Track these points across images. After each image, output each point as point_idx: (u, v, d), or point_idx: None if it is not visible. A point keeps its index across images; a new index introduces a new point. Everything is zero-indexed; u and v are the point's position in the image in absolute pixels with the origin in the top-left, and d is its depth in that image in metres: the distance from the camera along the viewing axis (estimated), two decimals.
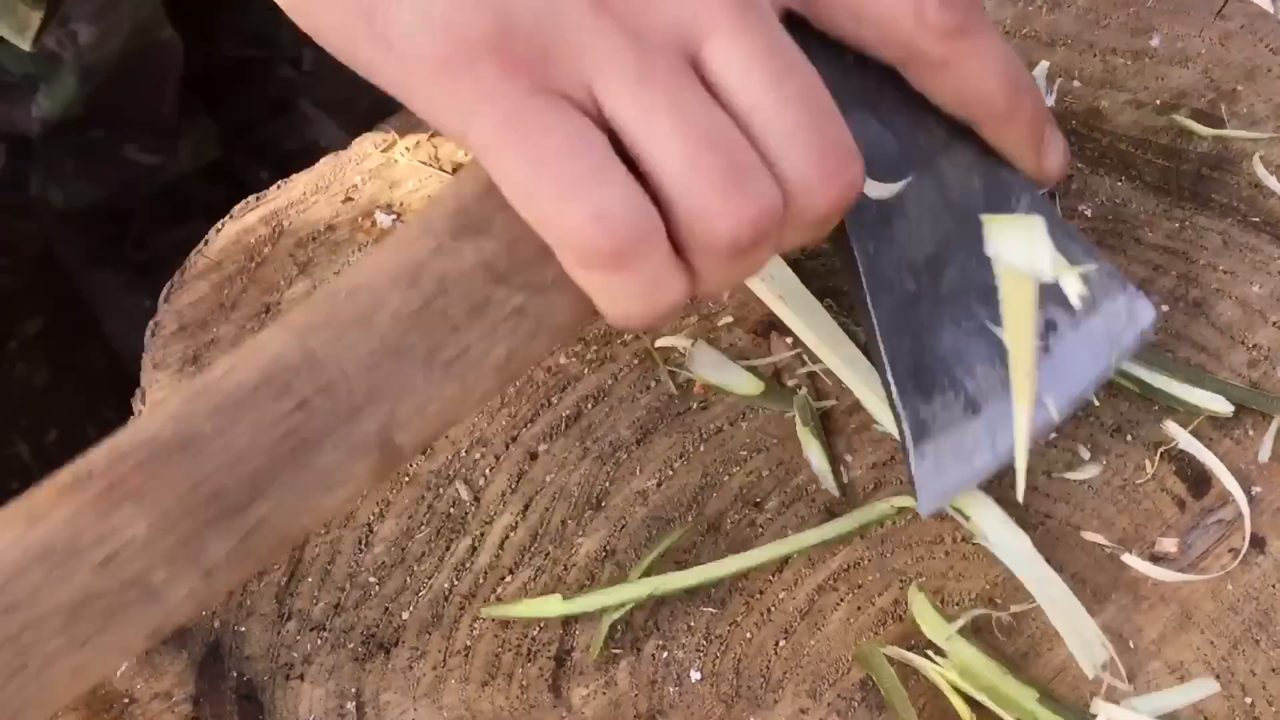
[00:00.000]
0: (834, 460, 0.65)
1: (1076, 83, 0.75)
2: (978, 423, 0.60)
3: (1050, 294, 0.58)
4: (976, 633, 0.60)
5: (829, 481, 0.64)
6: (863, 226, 0.57)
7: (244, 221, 0.71)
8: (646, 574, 0.61)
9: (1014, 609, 0.60)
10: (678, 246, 0.49)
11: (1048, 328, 0.61)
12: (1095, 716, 0.58)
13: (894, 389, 0.58)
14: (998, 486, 0.62)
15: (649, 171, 0.48)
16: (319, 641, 0.61)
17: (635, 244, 0.47)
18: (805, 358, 0.67)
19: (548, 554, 0.63)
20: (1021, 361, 0.58)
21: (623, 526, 0.64)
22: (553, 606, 0.61)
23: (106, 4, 0.93)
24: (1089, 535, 0.62)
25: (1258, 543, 0.62)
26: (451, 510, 0.64)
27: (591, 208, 0.47)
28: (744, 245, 0.49)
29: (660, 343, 0.68)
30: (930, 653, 0.59)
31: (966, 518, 0.62)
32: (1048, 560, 0.62)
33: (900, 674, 0.59)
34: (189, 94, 1.19)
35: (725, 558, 0.62)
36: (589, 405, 0.67)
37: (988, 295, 0.59)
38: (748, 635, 0.61)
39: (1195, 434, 0.65)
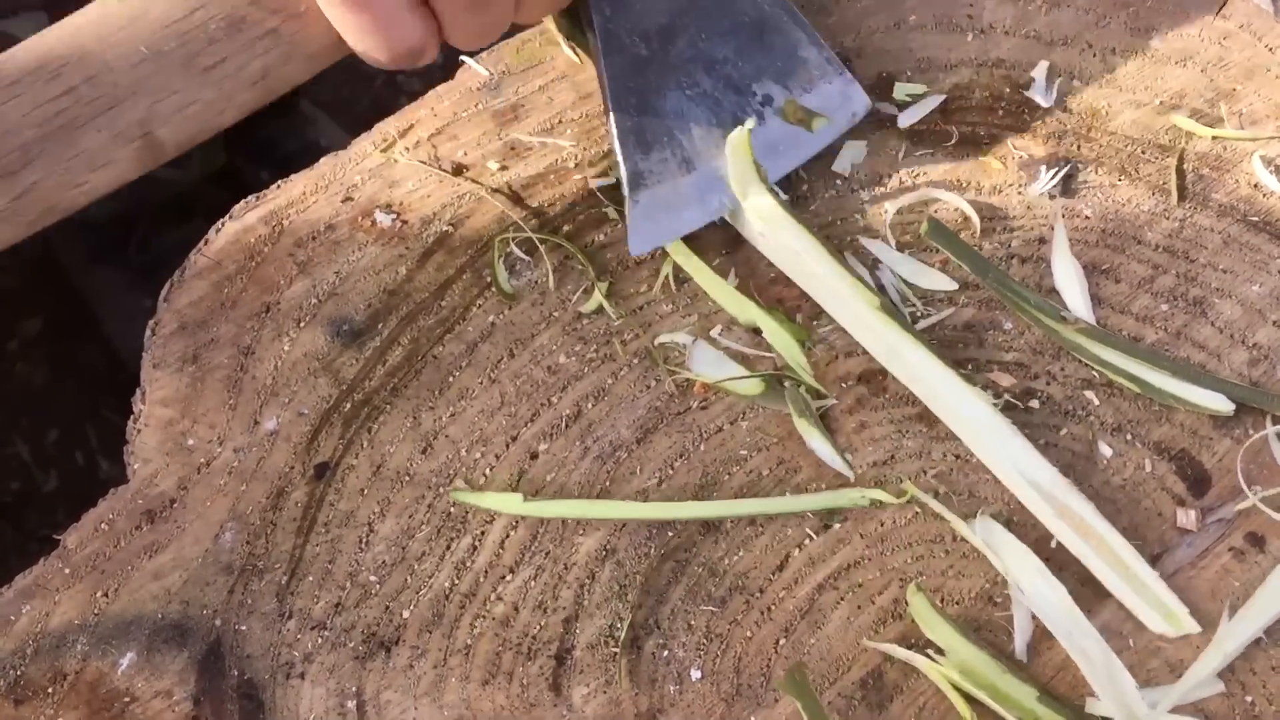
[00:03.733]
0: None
1: (1076, 83, 0.75)
2: (690, 179, 0.68)
3: (769, 71, 0.69)
4: (977, 631, 0.61)
5: (837, 462, 0.64)
6: None
7: (244, 221, 0.71)
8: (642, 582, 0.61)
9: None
10: None
11: (764, 101, 0.70)
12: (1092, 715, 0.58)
13: (617, 141, 0.67)
14: (1043, 544, 0.62)
15: None
16: (319, 640, 0.61)
17: None
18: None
19: (548, 553, 0.63)
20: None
21: (623, 526, 0.64)
22: (512, 504, 0.63)
23: None
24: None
25: (1258, 542, 0.62)
26: (451, 510, 0.64)
27: None
28: None
29: (660, 339, 0.68)
30: (930, 652, 0.59)
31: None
32: (1046, 561, 0.62)
33: (902, 672, 0.60)
34: None
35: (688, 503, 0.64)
36: (589, 404, 0.67)
37: (711, 66, 0.69)
38: (748, 634, 0.61)
39: (1195, 434, 0.65)
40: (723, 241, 0.70)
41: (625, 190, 0.67)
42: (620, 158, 0.67)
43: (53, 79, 0.56)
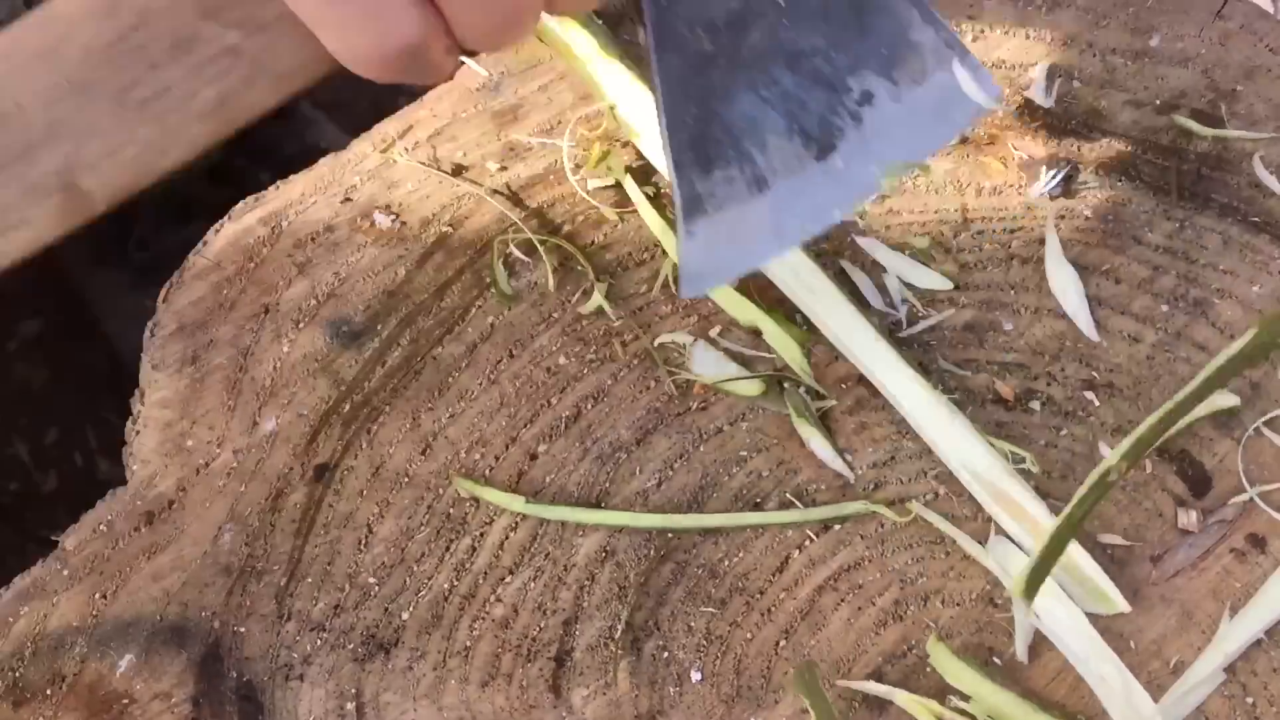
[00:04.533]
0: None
1: (1076, 83, 0.75)
2: (763, 201, 0.55)
3: (869, 62, 0.54)
4: (978, 633, 0.60)
5: (837, 463, 0.64)
6: None
7: (243, 222, 0.71)
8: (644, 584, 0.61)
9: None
10: None
11: (861, 100, 0.57)
12: None
13: (671, 160, 0.54)
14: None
15: None
16: (319, 642, 0.61)
17: None
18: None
19: (547, 554, 0.63)
20: None
21: (622, 527, 0.63)
22: (515, 504, 0.62)
23: None
24: (1104, 537, 0.62)
25: (1259, 543, 0.62)
26: (451, 511, 0.64)
27: None
28: None
29: (661, 339, 0.68)
30: (953, 698, 0.59)
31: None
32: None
33: (902, 673, 0.60)
34: None
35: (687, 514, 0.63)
36: (589, 405, 0.66)
37: (794, 60, 0.54)
38: (748, 635, 0.61)
39: (1196, 435, 0.65)
40: None
41: (680, 219, 0.54)
42: (675, 179, 0.54)
43: None
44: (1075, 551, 0.60)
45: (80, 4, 0.46)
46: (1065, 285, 0.68)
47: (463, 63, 0.76)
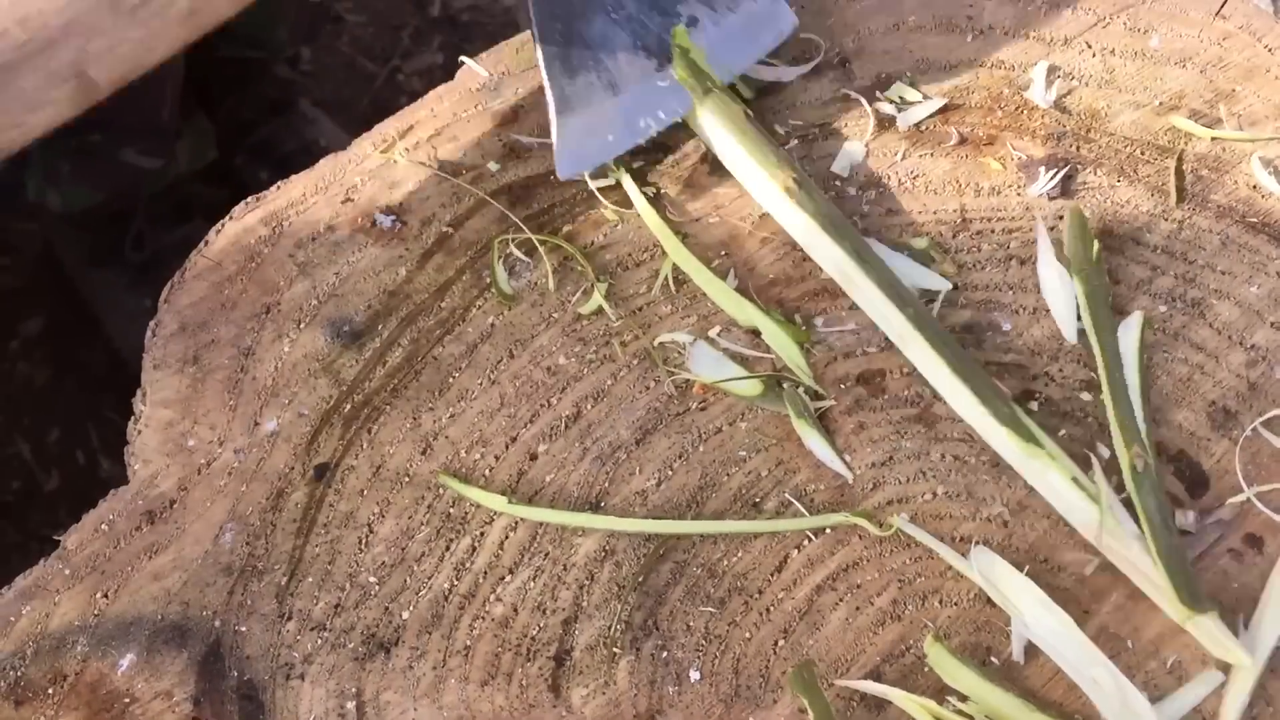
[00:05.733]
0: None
1: (1076, 84, 0.75)
2: (616, 102, 0.69)
3: None
4: (976, 632, 0.61)
5: (835, 463, 0.64)
6: None
7: (244, 222, 0.71)
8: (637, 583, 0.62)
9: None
10: None
11: (689, 22, 0.70)
12: None
13: (543, 66, 0.67)
14: (1041, 570, 0.62)
15: None
16: (319, 641, 0.62)
17: None
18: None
19: (547, 554, 0.63)
20: None
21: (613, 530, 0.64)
22: (497, 503, 0.64)
23: None
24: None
25: (1255, 543, 0.62)
26: (451, 510, 0.64)
27: None
28: None
29: (660, 339, 0.68)
30: (951, 697, 0.59)
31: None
32: (1045, 560, 0.62)
33: (900, 673, 0.60)
34: (186, 96, 1.19)
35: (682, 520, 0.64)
36: (588, 405, 0.67)
37: None
38: (747, 635, 0.61)
39: (1193, 435, 0.65)
40: (722, 242, 0.70)
41: (552, 114, 0.67)
42: (547, 81, 0.67)
43: None
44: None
45: None
46: (1054, 288, 0.68)
47: (463, 63, 0.76)
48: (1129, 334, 0.66)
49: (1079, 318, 0.67)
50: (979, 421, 0.63)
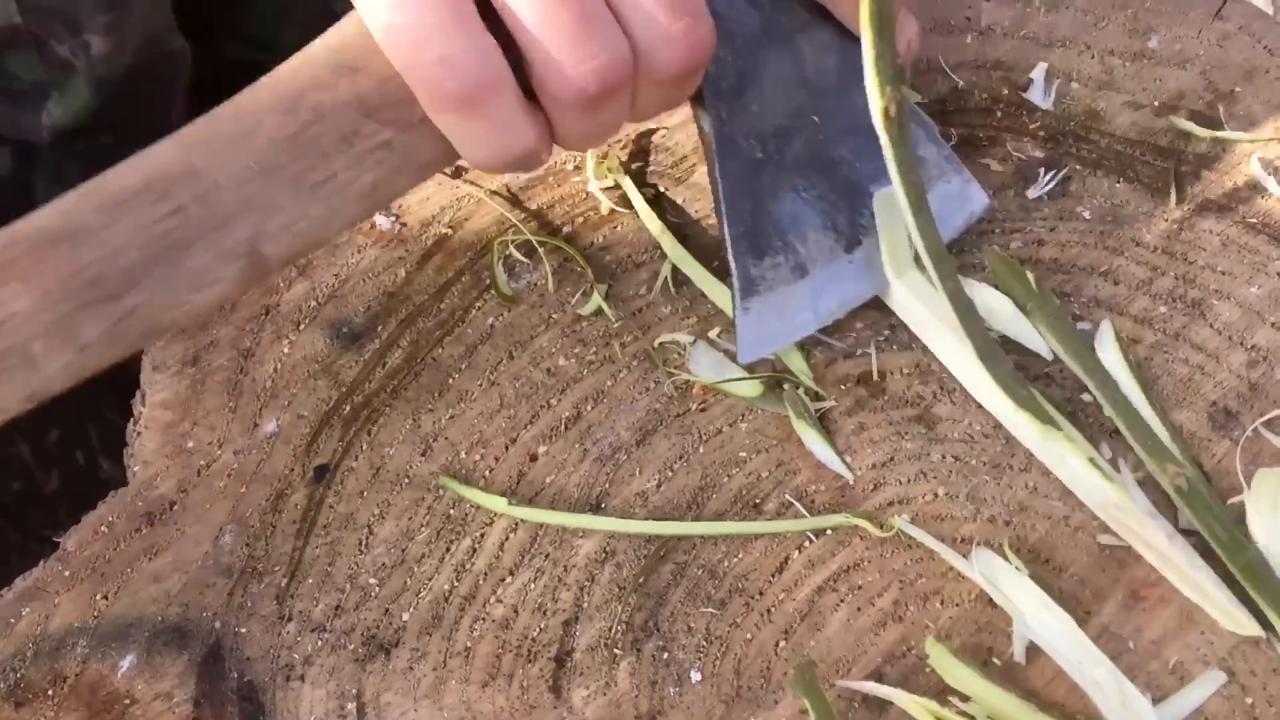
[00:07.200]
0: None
1: (1075, 84, 0.75)
2: (804, 285, 0.65)
3: (886, 172, 0.62)
4: (977, 633, 0.61)
5: (836, 464, 0.64)
6: (718, 94, 0.63)
7: None
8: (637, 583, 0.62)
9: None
10: (533, 96, 0.55)
11: None
12: None
13: (730, 248, 0.63)
14: (1041, 569, 0.62)
15: (506, 20, 0.52)
16: (319, 643, 0.62)
17: (482, 89, 0.52)
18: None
19: (547, 555, 0.63)
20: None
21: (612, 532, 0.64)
22: (497, 504, 0.63)
23: (120, 16, 0.93)
24: (1103, 538, 0.62)
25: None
26: (451, 512, 0.64)
27: (440, 52, 0.52)
28: (594, 94, 0.54)
29: (660, 340, 0.68)
30: (953, 698, 0.59)
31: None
32: (1047, 561, 0.62)
33: (902, 674, 0.60)
34: (194, 97, 1.19)
35: (684, 522, 0.63)
36: (588, 406, 0.67)
37: (829, 168, 0.65)
38: (748, 636, 0.61)
39: (1194, 435, 0.65)
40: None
41: (736, 298, 0.64)
42: (733, 264, 0.63)
43: (160, 198, 0.53)
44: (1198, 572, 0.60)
45: (266, 101, 0.54)
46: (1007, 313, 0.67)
47: None
48: (1107, 351, 0.66)
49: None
50: (996, 406, 0.64)
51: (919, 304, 0.66)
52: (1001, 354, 0.62)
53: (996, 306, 0.66)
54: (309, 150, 0.54)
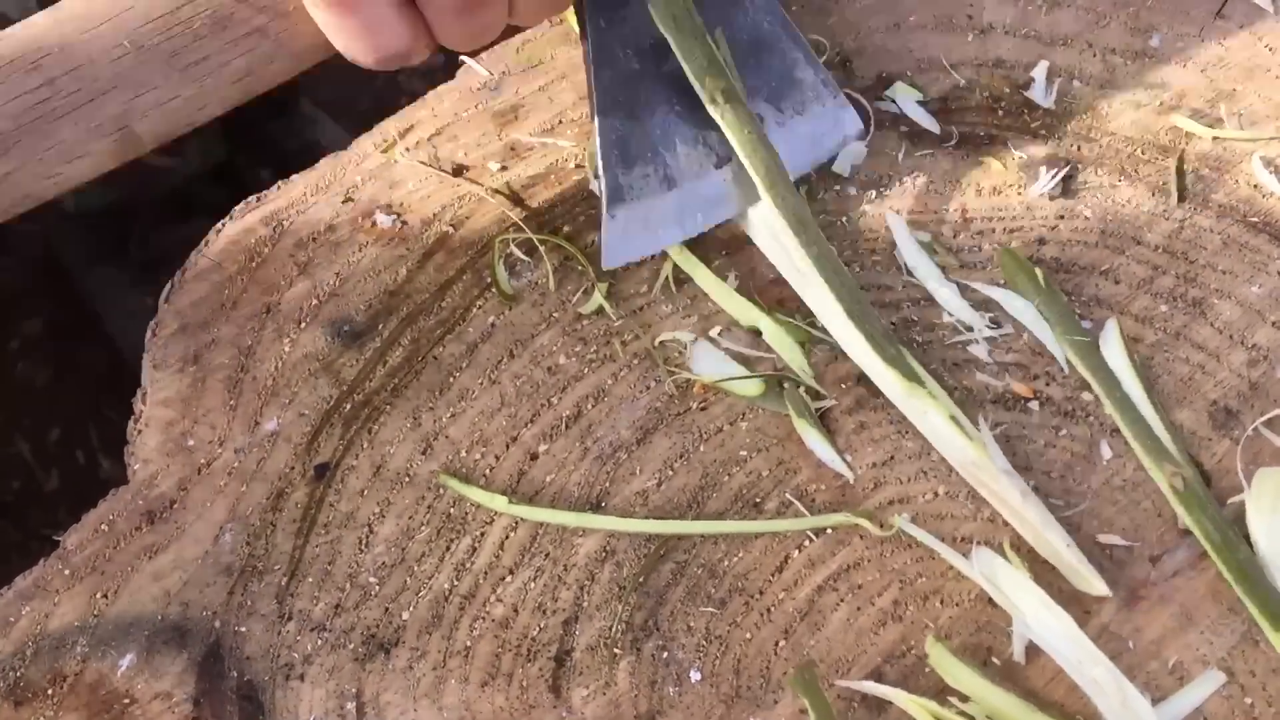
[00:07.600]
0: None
1: (1076, 83, 0.75)
2: (672, 197, 0.67)
3: (761, 92, 0.67)
4: (977, 633, 0.61)
5: (836, 463, 0.64)
6: (598, 3, 0.65)
7: (244, 222, 0.71)
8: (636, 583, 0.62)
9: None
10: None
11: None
12: None
13: (600, 155, 0.66)
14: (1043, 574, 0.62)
15: None
16: (319, 642, 0.62)
17: None
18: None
19: (547, 554, 0.63)
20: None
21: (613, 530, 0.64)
22: (498, 503, 0.64)
23: None
24: (1103, 537, 0.62)
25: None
26: (451, 510, 0.64)
27: None
28: None
29: (661, 338, 0.68)
30: (952, 698, 0.59)
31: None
32: (1047, 560, 0.62)
33: (902, 673, 0.60)
34: None
35: (682, 520, 0.63)
36: (589, 405, 0.67)
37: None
38: (747, 635, 0.61)
39: (1194, 434, 0.65)
40: (723, 242, 0.70)
41: (604, 204, 0.66)
42: (602, 170, 0.66)
43: (32, 70, 0.55)
44: (1056, 538, 0.60)
45: None
46: (1019, 308, 0.68)
47: (463, 62, 0.76)
48: (1112, 349, 0.66)
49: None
50: (867, 362, 0.64)
51: (779, 247, 0.67)
52: (872, 312, 0.64)
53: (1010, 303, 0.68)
54: (182, 31, 0.57)
